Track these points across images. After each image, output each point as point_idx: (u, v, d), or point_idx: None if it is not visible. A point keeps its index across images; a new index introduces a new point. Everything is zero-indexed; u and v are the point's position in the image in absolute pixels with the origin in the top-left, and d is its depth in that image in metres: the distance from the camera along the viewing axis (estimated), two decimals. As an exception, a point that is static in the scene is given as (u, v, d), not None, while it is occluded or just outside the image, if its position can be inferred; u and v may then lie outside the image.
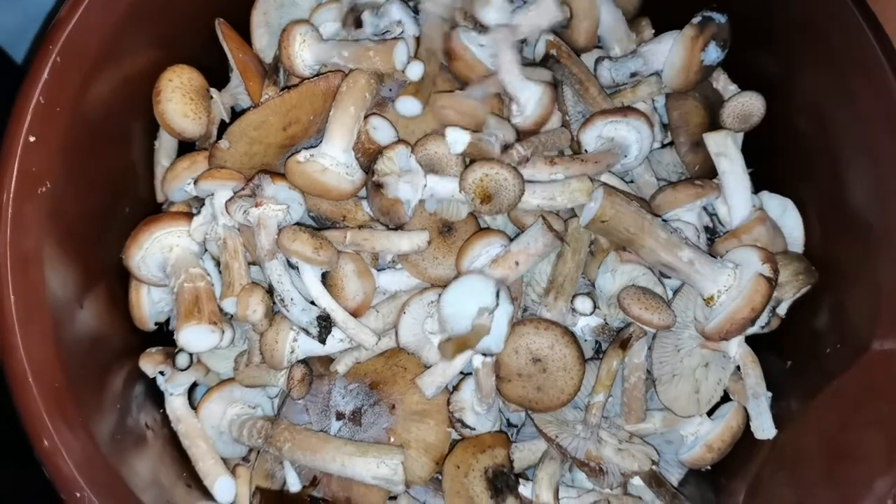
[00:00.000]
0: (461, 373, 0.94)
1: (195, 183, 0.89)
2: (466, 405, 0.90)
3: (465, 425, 0.90)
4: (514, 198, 0.86)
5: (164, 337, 1.01)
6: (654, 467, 0.90)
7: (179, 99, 0.94)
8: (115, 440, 0.86)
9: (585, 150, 0.96)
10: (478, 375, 0.87)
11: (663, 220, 0.92)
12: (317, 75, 0.91)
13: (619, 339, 0.90)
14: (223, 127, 1.01)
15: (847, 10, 0.89)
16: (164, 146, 1.00)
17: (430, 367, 0.90)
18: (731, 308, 0.87)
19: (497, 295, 0.82)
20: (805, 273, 0.94)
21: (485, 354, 0.85)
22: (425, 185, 0.86)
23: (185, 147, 1.01)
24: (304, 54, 0.91)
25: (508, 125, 0.91)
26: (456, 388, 0.91)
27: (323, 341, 0.86)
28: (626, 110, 0.95)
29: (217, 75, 1.04)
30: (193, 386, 1.00)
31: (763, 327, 0.96)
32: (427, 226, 0.92)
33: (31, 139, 0.78)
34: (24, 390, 0.77)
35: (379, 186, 0.85)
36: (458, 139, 0.88)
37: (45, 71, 0.79)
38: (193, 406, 0.97)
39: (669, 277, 0.95)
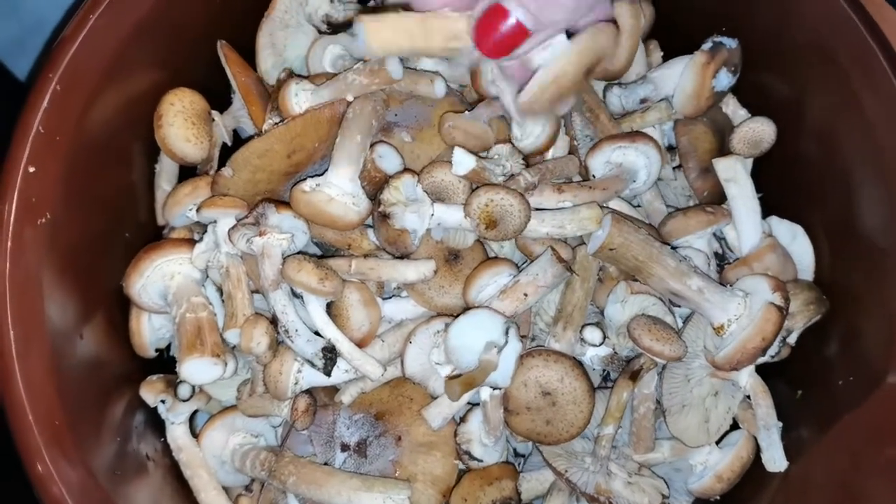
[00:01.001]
0: (469, 403, 0.92)
1: (197, 211, 0.88)
2: (474, 437, 0.89)
3: (472, 457, 0.89)
4: (519, 224, 0.85)
5: (164, 363, 0.99)
6: (664, 502, 0.88)
7: (181, 123, 0.93)
8: (115, 471, 0.84)
9: (593, 176, 0.95)
10: (485, 408, 0.86)
11: (672, 248, 0.91)
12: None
13: (629, 371, 0.89)
14: (225, 149, 1.00)
15: (857, 33, 0.88)
16: (166, 170, 0.98)
17: (437, 399, 0.88)
18: (741, 337, 0.86)
19: (507, 332, 0.80)
20: (816, 302, 0.93)
21: (493, 388, 0.84)
22: (432, 215, 0.85)
23: (187, 171, 1.00)
24: (302, 105, 0.89)
25: (518, 155, 0.90)
26: (463, 419, 0.90)
27: (328, 374, 0.85)
28: (635, 135, 0.94)
29: (220, 97, 1.02)
30: (195, 413, 0.99)
31: (773, 356, 0.94)
32: (433, 254, 0.91)
33: (31, 170, 0.77)
34: (22, 422, 0.76)
35: (385, 217, 0.83)
36: (462, 161, 0.86)
37: (44, 100, 0.78)
38: (195, 433, 0.96)
39: (679, 306, 0.94)
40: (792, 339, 0.96)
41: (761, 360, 0.94)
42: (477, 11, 0.59)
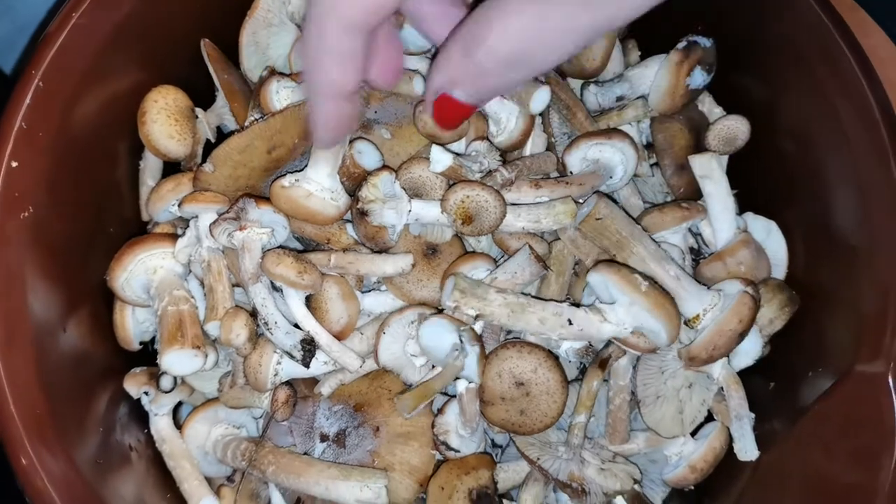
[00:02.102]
0: (445, 394, 0.94)
1: (179, 205, 0.89)
2: (451, 428, 0.90)
3: (449, 448, 0.90)
4: (495, 219, 0.87)
5: (148, 356, 1.00)
6: (636, 487, 0.90)
7: (164, 120, 0.94)
8: (98, 463, 0.85)
9: (570, 173, 0.97)
10: (461, 400, 0.87)
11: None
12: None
13: (598, 360, 0.91)
14: (209, 146, 1.01)
15: (829, 35, 0.89)
16: (149, 166, 0.99)
17: (409, 388, 0.90)
18: (718, 321, 0.87)
19: (461, 339, 0.82)
20: (789, 303, 0.95)
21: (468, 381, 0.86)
22: (410, 211, 0.86)
23: (170, 167, 1.01)
24: (282, 102, 0.91)
25: (495, 151, 0.91)
26: (440, 411, 0.91)
27: (307, 365, 0.86)
28: (611, 132, 0.96)
29: (203, 95, 1.03)
30: (178, 405, 1.00)
31: (756, 360, 0.96)
32: (411, 248, 0.93)
33: (14, 165, 0.78)
34: (5, 414, 0.77)
35: (364, 214, 0.85)
36: (439, 159, 0.88)
37: (27, 96, 0.79)
38: (178, 425, 0.97)
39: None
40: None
41: (745, 362, 0.96)
42: (428, 99, 0.70)
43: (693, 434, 1.00)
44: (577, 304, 0.96)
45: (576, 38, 0.57)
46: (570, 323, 0.84)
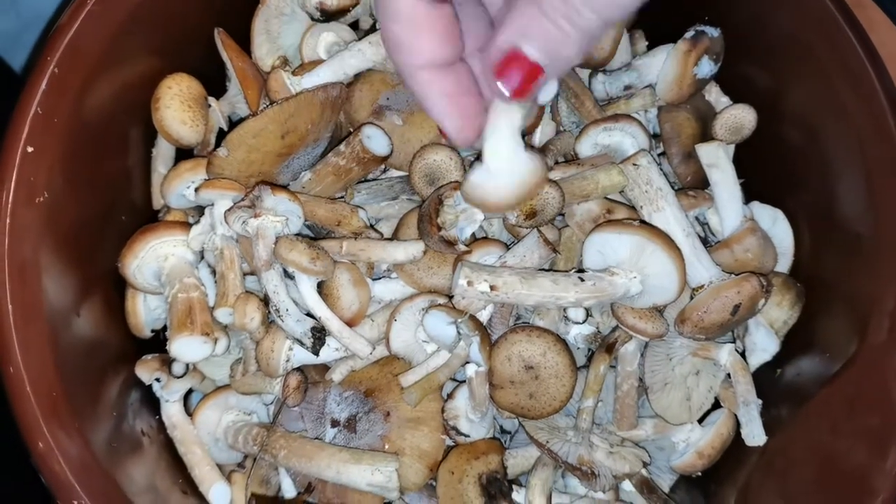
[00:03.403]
0: (454, 379, 0.95)
1: (196, 191, 0.90)
2: (461, 413, 0.91)
3: (459, 433, 0.91)
4: (555, 212, 0.88)
5: (160, 343, 1.01)
6: (644, 473, 0.91)
7: (178, 106, 0.95)
8: (112, 446, 0.86)
9: (582, 161, 0.98)
10: (471, 384, 0.88)
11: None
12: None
13: (605, 344, 0.92)
14: (221, 135, 1.02)
15: (836, 24, 0.90)
16: (162, 153, 1.00)
17: (413, 367, 0.91)
18: (718, 285, 0.87)
19: (458, 331, 0.83)
20: (798, 300, 0.97)
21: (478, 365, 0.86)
22: (482, 218, 0.88)
23: (183, 155, 1.02)
24: (295, 88, 0.92)
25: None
26: (450, 396, 0.92)
27: (316, 353, 0.87)
28: (618, 116, 0.97)
29: (215, 84, 1.04)
30: (189, 392, 1.01)
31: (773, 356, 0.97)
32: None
33: (29, 150, 0.79)
34: (22, 397, 0.78)
35: (451, 244, 0.86)
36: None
37: (42, 82, 0.80)
38: (189, 412, 0.98)
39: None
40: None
41: (762, 358, 0.97)
42: (493, 58, 0.58)
43: (700, 421, 1.00)
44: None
45: None
46: (582, 280, 0.83)
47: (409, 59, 0.58)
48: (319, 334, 0.88)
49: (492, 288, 0.81)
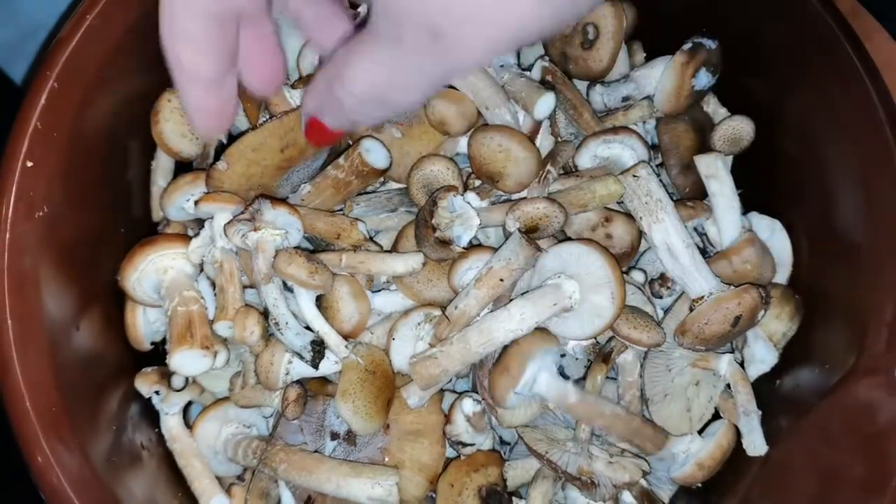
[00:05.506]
0: (453, 391, 0.95)
1: (196, 204, 0.90)
2: (461, 430, 0.91)
3: (464, 445, 0.91)
4: (557, 228, 0.90)
5: (159, 356, 1.01)
6: (644, 484, 0.91)
7: (178, 119, 0.95)
8: (111, 460, 0.86)
9: (581, 173, 0.98)
10: (470, 421, 0.90)
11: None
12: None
13: (602, 354, 0.92)
14: (221, 148, 1.02)
15: (833, 35, 0.91)
16: (162, 166, 1.00)
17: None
18: (718, 296, 0.88)
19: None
20: (797, 312, 0.97)
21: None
22: (479, 223, 0.89)
23: (182, 168, 1.02)
24: (295, 102, 0.92)
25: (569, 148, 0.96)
26: (448, 419, 0.91)
27: (316, 367, 0.87)
28: (617, 129, 0.97)
29: (214, 96, 1.04)
30: (189, 405, 1.01)
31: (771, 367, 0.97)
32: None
33: (29, 164, 0.79)
34: (21, 411, 0.77)
35: (447, 244, 0.87)
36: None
37: (42, 97, 0.80)
38: (189, 425, 0.98)
39: (660, 297, 0.97)
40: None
41: (761, 369, 0.97)
42: (303, 119, 0.72)
43: (700, 432, 1.00)
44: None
45: (428, 86, 0.58)
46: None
47: (188, 77, 0.65)
48: (319, 347, 0.88)
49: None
